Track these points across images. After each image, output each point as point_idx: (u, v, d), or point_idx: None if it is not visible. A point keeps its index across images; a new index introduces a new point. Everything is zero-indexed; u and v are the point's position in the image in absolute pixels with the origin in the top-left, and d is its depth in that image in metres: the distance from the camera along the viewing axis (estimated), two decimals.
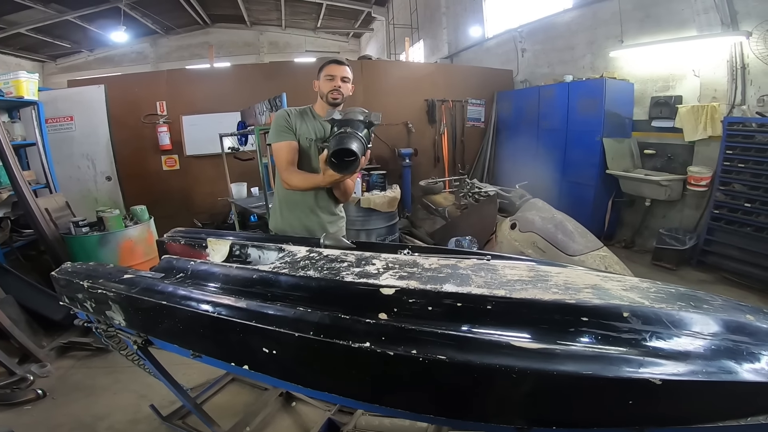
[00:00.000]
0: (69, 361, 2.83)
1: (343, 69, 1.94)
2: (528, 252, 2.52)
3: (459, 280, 0.94)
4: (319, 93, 1.97)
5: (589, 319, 0.79)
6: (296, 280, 1.04)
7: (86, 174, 4.50)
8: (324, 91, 1.93)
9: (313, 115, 2.00)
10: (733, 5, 3.74)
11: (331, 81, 1.92)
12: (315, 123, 1.98)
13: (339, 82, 1.92)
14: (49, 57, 12.28)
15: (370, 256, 1.15)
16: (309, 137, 1.95)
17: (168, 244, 1.79)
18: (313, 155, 1.96)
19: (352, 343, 0.83)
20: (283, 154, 1.91)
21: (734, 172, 3.69)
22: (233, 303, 1.02)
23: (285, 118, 1.94)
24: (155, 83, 5.03)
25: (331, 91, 1.91)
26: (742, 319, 0.86)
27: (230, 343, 1.03)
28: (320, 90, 1.96)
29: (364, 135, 1.56)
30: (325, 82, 1.93)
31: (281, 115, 1.96)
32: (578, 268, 1.17)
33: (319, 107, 2.00)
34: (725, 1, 3.73)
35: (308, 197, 1.99)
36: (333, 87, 1.91)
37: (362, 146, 1.53)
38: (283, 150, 1.91)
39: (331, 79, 1.92)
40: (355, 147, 1.47)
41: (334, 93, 1.92)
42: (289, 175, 1.89)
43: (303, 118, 1.97)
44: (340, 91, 1.93)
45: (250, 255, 1.41)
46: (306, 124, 1.96)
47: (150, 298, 1.14)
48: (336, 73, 1.92)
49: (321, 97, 1.96)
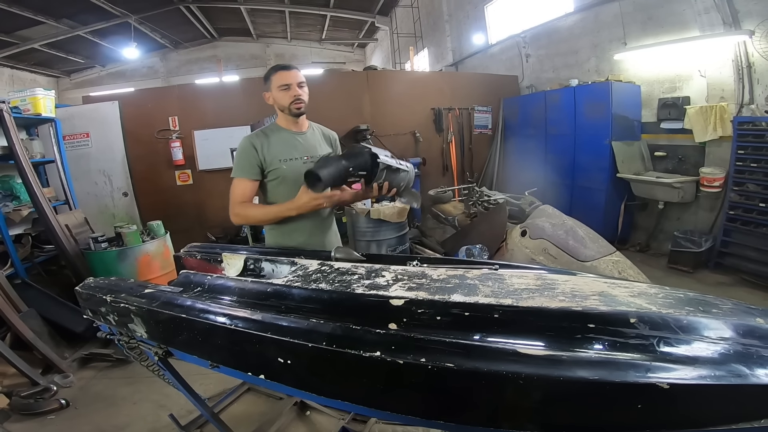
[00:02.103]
0: (90, 371, 2.91)
1: (295, 74, 1.76)
2: (539, 259, 2.52)
3: (467, 290, 0.96)
4: (277, 106, 1.80)
5: (596, 326, 0.80)
6: (309, 292, 1.07)
7: (103, 190, 4.62)
8: (284, 104, 1.76)
9: (280, 132, 1.82)
10: (733, 5, 3.72)
11: (287, 91, 1.75)
12: (287, 140, 1.80)
13: (297, 90, 1.75)
14: (63, 72, 12.67)
15: (380, 268, 1.18)
16: (285, 158, 1.77)
17: (185, 259, 1.84)
18: (292, 176, 1.75)
19: (363, 352, 0.85)
20: (237, 191, 1.75)
21: (747, 172, 3.64)
22: (249, 315, 1.06)
23: (248, 151, 1.75)
24: (167, 99, 5.16)
25: (292, 101, 1.75)
26: (752, 323, 0.86)
27: (247, 354, 1.07)
28: (277, 102, 1.78)
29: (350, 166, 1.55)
30: (280, 93, 1.75)
31: (244, 148, 1.77)
32: (587, 275, 1.18)
33: (283, 121, 1.84)
34: (725, 1, 3.71)
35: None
36: (293, 96, 1.74)
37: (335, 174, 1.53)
38: (239, 187, 1.75)
39: (287, 88, 1.74)
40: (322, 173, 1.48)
41: (297, 103, 1.75)
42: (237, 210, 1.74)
43: (270, 139, 1.78)
44: (302, 99, 1.76)
45: (264, 269, 1.45)
46: (276, 144, 1.77)
47: (170, 311, 1.19)
48: (290, 80, 1.74)
49: (281, 109, 1.80)
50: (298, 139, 1.83)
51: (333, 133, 2.02)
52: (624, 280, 1.15)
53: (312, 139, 1.88)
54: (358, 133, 5.39)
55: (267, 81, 1.79)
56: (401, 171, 1.61)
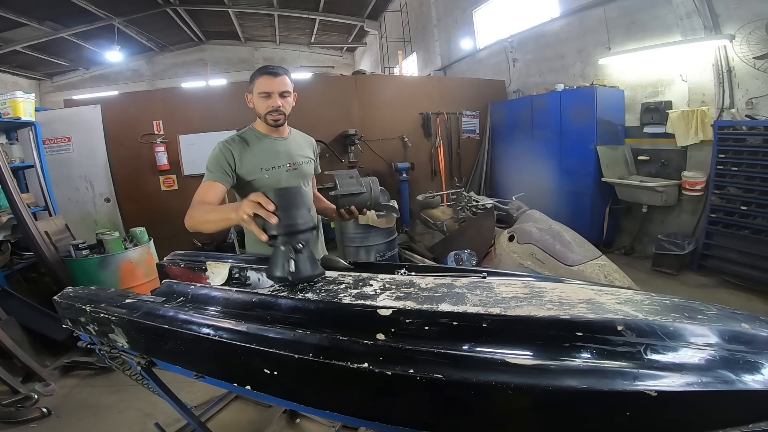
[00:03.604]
0: (73, 380, 2.87)
1: (280, 82, 1.60)
2: (527, 263, 2.53)
3: (455, 299, 0.96)
4: (255, 111, 1.67)
5: (584, 334, 0.81)
6: (295, 302, 1.06)
7: (85, 196, 4.52)
8: (260, 112, 1.64)
9: (259, 137, 1.69)
10: (714, 9, 3.80)
11: (266, 99, 1.60)
12: (267, 146, 1.68)
13: (277, 101, 1.61)
14: (45, 75, 12.45)
15: (368, 277, 1.17)
16: (267, 166, 1.66)
17: (168, 267, 1.79)
18: (275, 184, 1.65)
19: (350, 363, 0.84)
20: (201, 192, 1.58)
21: (728, 175, 3.73)
22: (233, 326, 1.04)
23: (222, 157, 1.60)
24: (151, 102, 5.07)
25: (269, 112, 1.62)
26: (737, 328, 0.88)
27: (232, 365, 1.05)
28: (255, 108, 1.65)
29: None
30: (259, 100, 1.62)
31: (218, 154, 1.62)
32: (574, 282, 1.18)
33: (262, 126, 1.71)
34: (706, 5, 3.78)
35: None
36: (270, 107, 1.61)
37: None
38: (203, 188, 1.59)
39: (267, 96, 1.60)
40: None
41: (274, 115, 1.62)
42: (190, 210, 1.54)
43: (250, 145, 1.65)
44: (281, 111, 1.63)
45: (250, 278, 1.42)
46: (256, 152, 1.65)
47: (152, 322, 1.16)
48: (272, 88, 1.59)
49: (258, 116, 1.68)
50: (279, 145, 1.72)
51: (312, 138, 1.94)
52: (610, 286, 1.16)
53: (294, 145, 1.79)
54: (347, 138, 5.37)
55: (251, 82, 1.65)
56: (361, 194, 1.59)
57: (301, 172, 1.76)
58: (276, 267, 1.14)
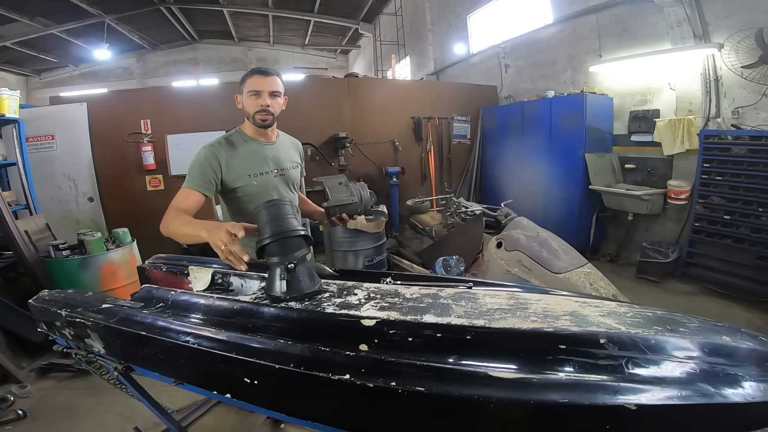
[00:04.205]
0: (50, 382, 2.82)
1: (271, 81, 1.58)
2: (514, 270, 2.54)
3: (439, 310, 0.96)
4: (244, 112, 1.64)
5: (567, 347, 0.81)
6: (277, 311, 1.04)
7: (68, 195, 4.42)
8: (249, 111, 1.60)
9: (246, 141, 1.66)
10: (704, 17, 3.83)
11: (256, 98, 1.57)
12: (255, 151, 1.65)
13: (267, 100, 1.57)
14: (33, 71, 12.29)
15: (352, 285, 1.16)
16: (255, 172, 1.63)
17: (149, 271, 1.76)
18: (262, 190, 1.64)
19: (332, 375, 0.84)
20: (180, 198, 1.54)
21: (712, 185, 3.77)
22: (213, 335, 1.03)
23: (207, 163, 1.56)
24: (139, 101, 4.98)
25: (258, 111, 1.58)
26: (718, 341, 0.88)
27: (211, 374, 1.04)
28: (244, 108, 1.62)
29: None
30: (249, 99, 1.58)
31: (202, 159, 1.57)
32: (560, 293, 1.19)
33: (250, 129, 1.67)
34: (696, 14, 3.82)
35: None
36: (259, 106, 1.57)
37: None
38: (183, 195, 1.55)
39: (256, 95, 1.57)
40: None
41: (262, 114, 1.58)
42: (166, 216, 1.49)
43: (237, 150, 1.62)
44: (270, 111, 1.59)
45: (233, 284, 1.40)
46: (244, 157, 1.62)
47: (129, 328, 1.15)
48: (261, 87, 1.56)
49: (246, 117, 1.64)
50: (267, 150, 1.69)
51: (298, 142, 1.92)
52: (595, 297, 1.17)
53: (282, 150, 1.76)
54: (338, 140, 5.35)
55: (242, 83, 1.63)
56: (353, 203, 1.58)
57: (288, 178, 1.75)
58: (271, 286, 1.13)
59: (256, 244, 1.14)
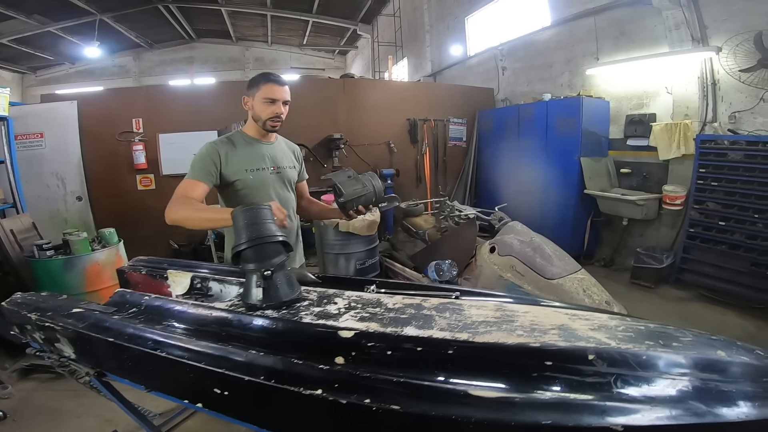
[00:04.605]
0: (32, 383, 2.78)
1: (285, 91, 1.69)
2: (507, 276, 2.50)
3: (422, 322, 0.91)
4: (253, 114, 1.72)
5: (553, 363, 0.77)
6: (250, 320, 1.00)
7: (56, 193, 4.35)
8: (262, 116, 1.69)
9: (247, 141, 1.74)
10: (702, 20, 3.80)
11: (271, 105, 1.67)
12: (254, 149, 1.73)
13: (280, 108, 1.68)
14: (29, 68, 12.22)
15: (333, 293, 1.12)
16: (252, 168, 1.70)
17: (129, 274, 1.72)
18: (258, 186, 1.71)
19: (303, 389, 0.80)
20: (185, 187, 1.57)
21: (708, 190, 3.74)
22: (183, 343, 0.99)
23: (209, 158, 1.63)
24: (132, 100, 4.92)
25: (271, 118, 1.68)
26: (712, 356, 0.84)
27: (181, 383, 1.01)
28: (255, 112, 1.70)
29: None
30: (262, 104, 1.67)
31: (205, 153, 1.64)
32: (551, 303, 1.15)
33: (252, 129, 1.76)
34: (695, 17, 3.79)
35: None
36: (274, 114, 1.68)
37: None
38: (188, 184, 1.58)
39: (272, 102, 1.67)
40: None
41: (275, 121, 1.70)
42: (172, 204, 1.52)
43: (237, 147, 1.70)
44: (281, 118, 1.71)
45: (212, 288, 1.36)
46: (243, 154, 1.70)
47: (98, 334, 1.11)
48: (278, 96, 1.66)
49: (255, 119, 1.72)
50: (266, 149, 1.78)
51: (295, 146, 2.00)
52: (586, 309, 1.13)
53: (279, 151, 1.85)
54: (332, 142, 5.30)
55: (253, 86, 1.69)
56: (367, 193, 1.60)
57: (284, 176, 1.82)
58: (247, 294, 1.09)
59: (231, 250, 1.09)
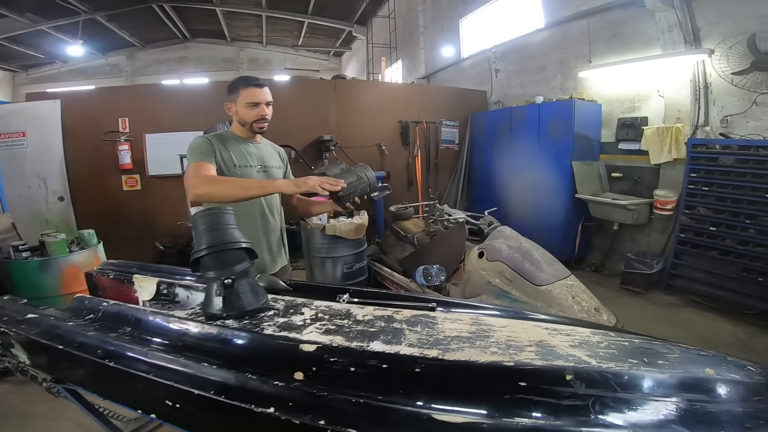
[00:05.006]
0: (6, 385, 2.72)
1: (266, 92, 1.72)
2: (495, 281, 2.44)
3: (390, 336, 0.85)
4: (238, 119, 1.75)
5: (528, 384, 0.70)
6: (207, 330, 0.93)
7: (37, 194, 4.25)
8: (247, 120, 1.71)
9: (235, 139, 1.77)
10: (695, 23, 3.76)
11: (255, 108, 1.70)
12: (242, 147, 1.76)
13: (265, 110, 1.71)
14: (20, 67, 12.10)
15: (302, 303, 1.06)
16: (241, 164, 1.72)
17: (97, 278, 1.65)
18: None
19: (255, 407, 0.74)
20: (202, 168, 1.56)
21: (699, 195, 3.71)
22: (134, 353, 0.93)
23: (207, 145, 1.66)
24: (118, 99, 4.83)
25: (257, 120, 1.71)
26: (700, 374, 0.79)
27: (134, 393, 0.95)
28: (239, 117, 1.73)
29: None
30: (246, 109, 1.70)
31: (201, 142, 1.67)
32: (533, 315, 1.09)
33: (239, 130, 1.79)
34: (688, 19, 3.76)
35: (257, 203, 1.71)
36: (259, 116, 1.71)
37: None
38: (203, 166, 1.58)
39: (255, 106, 1.70)
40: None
41: (261, 123, 1.73)
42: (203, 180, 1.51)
43: (227, 144, 1.71)
44: (267, 119, 1.74)
45: (178, 295, 1.29)
46: (230, 149, 1.71)
47: (49, 341, 1.08)
48: (260, 99, 1.69)
49: (242, 124, 1.75)
50: (253, 148, 1.81)
51: (280, 148, 2.01)
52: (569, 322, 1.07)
53: (266, 151, 1.88)
54: (322, 143, 5.23)
55: (234, 92, 1.71)
56: (362, 185, 1.59)
57: (270, 175, 1.84)
58: (208, 302, 1.03)
59: (190, 256, 1.02)
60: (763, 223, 3.27)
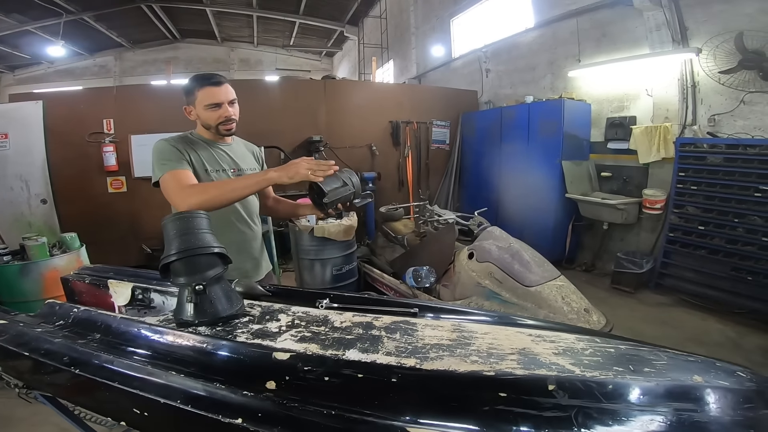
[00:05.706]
0: None
1: (226, 90, 1.54)
2: (485, 283, 2.42)
3: (368, 344, 0.82)
4: (201, 123, 1.58)
5: (508, 395, 0.67)
6: (176, 337, 0.90)
7: (19, 196, 4.13)
8: (210, 123, 1.55)
9: (204, 141, 1.61)
10: (683, 22, 3.79)
11: (216, 110, 1.53)
12: (212, 150, 1.60)
13: (228, 110, 1.54)
14: (7, 67, 11.95)
15: (279, 309, 1.03)
16: (214, 168, 1.58)
17: (73, 282, 1.59)
18: None
19: (222, 417, 0.72)
20: (181, 176, 1.42)
21: (687, 194, 3.73)
22: (99, 362, 0.90)
23: (173, 149, 1.50)
24: (103, 100, 4.74)
25: (221, 123, 1.54)
26: (687, 382, 0.76)
27: (101, 400, 0.93)
28: (202, 120, 1.56)
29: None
30: (207, 111, 1.53)
31: (166, 148, 1.51)
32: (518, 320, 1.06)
33: (206, 133, 1.62)
34: (676, 18, 3.78)
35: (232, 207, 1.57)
36: (223, 117, 1.54)
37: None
38: (181, 174, 1.44)
39: (217, 107, 1.52)
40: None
41: (227, 124, 1.56)
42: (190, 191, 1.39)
43: (195, 147, 1.56)
44: (233, 119, 1.57)
45: (154, 300, 1.25)
46: (200, 153, 1.55)
47: (16, 348, 1.04)
48: (220, 98, 1.52)
49: (206, 128, 1.58)
50: (224, 151, 1.65)
51: (255, 147, 1.86)
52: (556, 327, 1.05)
53: (238, 152, 1.72)
54: (312, 144, 5.19)
55: (190, 94, 1.55)
56: (348, 192, 1.50)
57: None
58: (179, 309, 0.99)
59: (159, 262, 0.98)
60: (752, 221, 3.29)
